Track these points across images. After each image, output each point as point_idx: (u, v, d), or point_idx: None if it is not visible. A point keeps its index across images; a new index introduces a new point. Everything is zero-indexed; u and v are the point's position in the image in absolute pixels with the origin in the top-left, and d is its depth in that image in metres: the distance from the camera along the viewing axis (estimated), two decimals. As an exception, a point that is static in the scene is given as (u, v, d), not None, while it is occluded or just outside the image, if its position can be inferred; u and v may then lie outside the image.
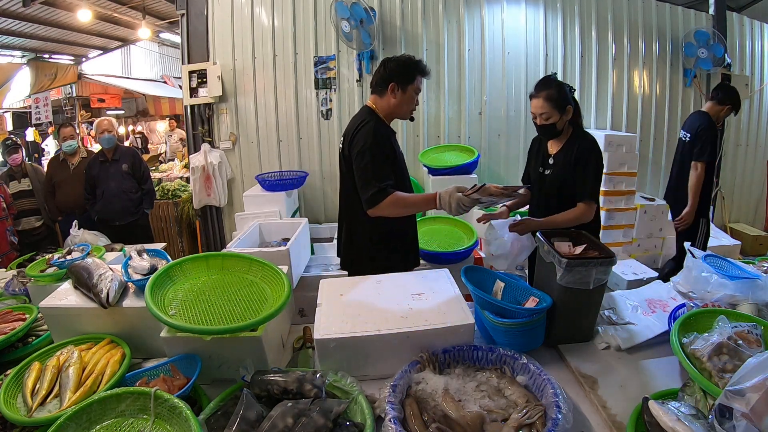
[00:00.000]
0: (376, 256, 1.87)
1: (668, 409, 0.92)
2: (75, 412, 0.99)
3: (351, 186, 1.80)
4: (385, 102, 1.81)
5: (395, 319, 1.27)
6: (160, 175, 5.53)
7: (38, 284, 1.80)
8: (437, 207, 1.64)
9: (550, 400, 1.01)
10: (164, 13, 7.94)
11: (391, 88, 1.77)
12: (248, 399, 1.02)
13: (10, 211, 3.51)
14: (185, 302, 1.29)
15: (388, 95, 1.79)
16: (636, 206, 3.72)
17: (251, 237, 2.52)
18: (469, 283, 1.36)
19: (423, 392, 1.10)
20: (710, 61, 3.97)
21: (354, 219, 1.88)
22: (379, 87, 1.80)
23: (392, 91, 1.78)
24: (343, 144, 1.83)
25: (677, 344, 1.12)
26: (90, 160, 3.54)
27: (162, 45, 11.56)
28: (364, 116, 1.81)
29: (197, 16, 3.72)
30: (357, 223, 1.87)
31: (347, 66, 3.78)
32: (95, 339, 1.35)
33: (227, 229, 4.03)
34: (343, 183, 1.90)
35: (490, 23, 3.82)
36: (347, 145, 1.78)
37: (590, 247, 1.42)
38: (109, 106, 9.50)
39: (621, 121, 4.07)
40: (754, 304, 1.37)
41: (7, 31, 6.82)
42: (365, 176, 1.69)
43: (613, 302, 1.58)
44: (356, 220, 1.86)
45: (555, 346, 1.38)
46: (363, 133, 1.73)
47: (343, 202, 1.94)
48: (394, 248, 1.90)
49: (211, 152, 3.81)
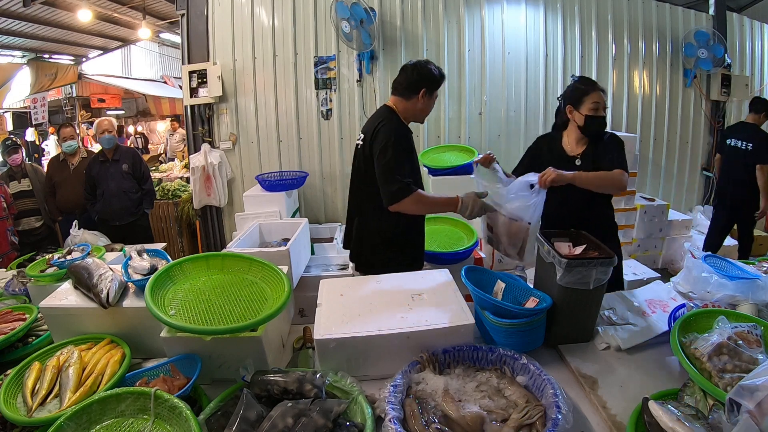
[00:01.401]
0: (385, 251, 1.91)
1: (668, 409, 0.92)
2: (75, 412, 0.99)
3: (367, 181, 1.84)
4: (411, 105, 1.85)
5: (395, 319, 1.27)
6: (160, 175, 5.53)
7: (38, 284, 1.80)
8: (456, 210, 1.71)
9: (550, 400, 1.01)
10: (164, 13, 7.94)
11: (422, 93, 1.83)
12: (248, 399, 1.02)
13: (11, 211, 3.51)
14: (185, 302, 1.29)
15: (416, 99, 1.84)
16: (636, 206, 3.72)
17: (251, 237, 2.52)
18: (469, 283, 1.36)
19: (423, 392, 1.10)
20: (710, 61, 3.97)
21: (366, 214, 1.93)
22: (408, 91, 1.84)
23: (422, 96, 1.83)
24: (363, 140, 1.87)
25: (677, 344, 1.12)
26: (90, 160, 3.54)
27: (162, 45, 11.55)
28: (385, 115, 1.86)
29: (197, 16, 3.72)
30: (369, 219, 1.92)
31: (347, 66, 3.78)
32: (95, 339, 1.35)
33: (227, 229, 4.03)
34: (357, 178, 1.94)
35: (490, 23, 3.82)
36: (368, 140, 1.82)
37: (590, 247, 1.43)
38: (109, 106, 9.50)
39: (621, 121, 4.08)
40: (754, 305, 1.37)
41: (7, 31, 6.81)
42: (388, 171, 1.73)
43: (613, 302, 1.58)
44: (369, 215, 1.91)
45: (555, 346, 1.38)
46: (386, 129, 1.77)
47: (356, 198, 2.00)
48: (403, 245, 1.94)
49: (211, 152, 3.81)
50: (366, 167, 1.84)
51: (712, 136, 4.32)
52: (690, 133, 4.27)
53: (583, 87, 1.91)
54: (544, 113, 3.96)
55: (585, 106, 1.86)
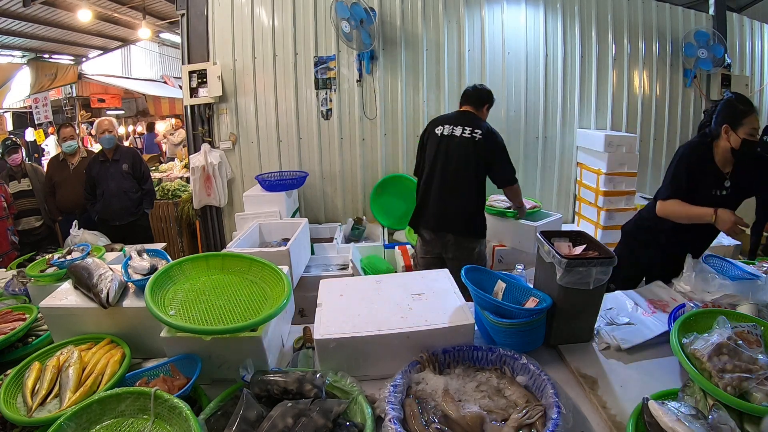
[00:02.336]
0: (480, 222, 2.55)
1: (668, 409, 0.92)
2: (75, 412, 0.99)
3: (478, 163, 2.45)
4: (482, 115, 2.65)
5: (395, 319, 1.27)
6: (160, 175, 5.53)
7: (38, 284, 1.80)
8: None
9: (549, 400, 1.01)
10: (164, 13, 7.94)
11: (486, 107, 2.66)
12: (248, 399, 1.02)
13: (11, 211, 3.52)
14: (185, 302, 1.29)
15: (483, 111, 2.65)
16: (636, 206, 3.72)
17: (251, 237, 2.52)
18: (469, 283, 1.36)
19: (423, 392, 1.10)
20: (710, 61, 3.97)
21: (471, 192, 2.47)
22: (479, 105, 2.64)
23: (486, 110, 2.68)
24: (471, 133, 2.46)
25: (677, 344, 1.12)
26: (90, 160, 3.54)
27: (162, 45, 11.56)
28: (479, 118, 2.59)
29: (197, 16, 3.72)
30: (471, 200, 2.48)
31: (347, 66, 3.78)
32: (95, 339, 1.35)
33: (227, 229, 4.03)
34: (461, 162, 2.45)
35: (490, 23, 3.82)
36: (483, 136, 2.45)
37: (590, 247, 1.42)
38: (109, 106, 9.50)
39: (621, 121, 4.07)
40: (754, 304, 1.37)
41: (7, 31, 6.82)
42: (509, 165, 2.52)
43: (614, 302, 1.58)
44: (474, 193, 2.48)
45: (555, 347, 1.38)
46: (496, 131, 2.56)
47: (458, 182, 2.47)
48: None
49: (211, 152, 3.81)
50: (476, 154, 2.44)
51: (712, 136, 4.32)
52: (690, 133, 4.25)
53: (743, 108, 1.80)
54: (544, 113, 3.96)
55: (743, 129, 1.76)
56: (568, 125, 4.01)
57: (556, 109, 3.97)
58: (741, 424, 0.94)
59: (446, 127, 2.50)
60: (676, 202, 1.84)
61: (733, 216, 1.72)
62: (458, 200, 2.45)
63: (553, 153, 4.04)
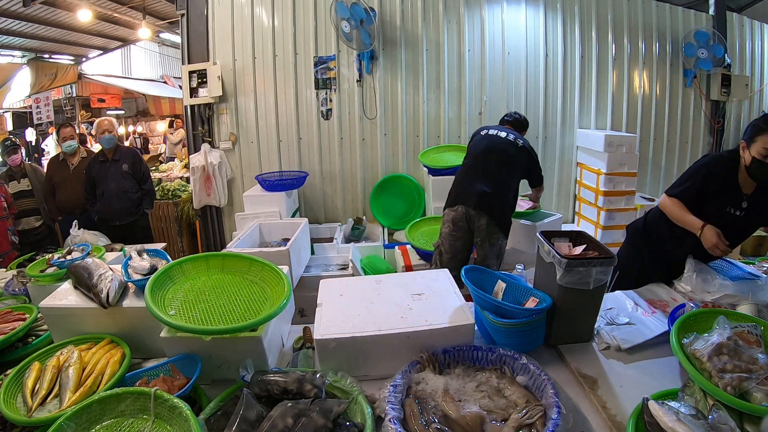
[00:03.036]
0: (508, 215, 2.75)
1: (668, 409, 0.92)
2: (75, 412, 0.99)
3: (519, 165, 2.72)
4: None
5: (395, 319, 1.27)
6: (160, 175, 5.53)
7: (38, 284, 1.80)
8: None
9: (549, 400, 1.01)
10: (164, 13, 7.93)
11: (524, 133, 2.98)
12: (248, 399, 1.02)
13: (11, 211, 3.52)
14: (185, 302, 1.29)
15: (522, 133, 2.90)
16: (636, 206, 3.72)
17: (251, 237, 2.52)
18: (469, 283, 1.36)
19: (423, 392, 1.10)
20: (710, 61, 3.97)
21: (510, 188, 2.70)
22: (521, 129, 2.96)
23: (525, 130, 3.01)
24: (515, 139, 2.71)
25: (677, 344, 1.12)
26: (90, 160, 3.54)
27: (162, 45, 11.54)
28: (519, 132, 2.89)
29: (197, 16, 3.72)
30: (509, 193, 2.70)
31: (347, 66, 3.78)
32: (95, 339, 1.35)
33: (227, 229, 4.03)
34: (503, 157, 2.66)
35: (490, 23, 3.82)
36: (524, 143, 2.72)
37: (590, 247, 1.42)
38: (109, 106, 9.49)
39: (621, 121, 4.08)
40: (754, 305, 1.37)
41: (7, 31, 6.81)
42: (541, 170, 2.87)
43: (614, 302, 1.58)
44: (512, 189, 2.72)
45: (555, 347, 1.38)
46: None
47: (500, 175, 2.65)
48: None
49: (211, 152, 3.81)
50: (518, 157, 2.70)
51: (712, 136, 4.32)
52: (690, 133, 4.26)
53: (762, 126, 1.66)
54: (543, 113, 3.96)
55: (755, 147, 1.65)
56: (568, 125, 4.01)
57: (556, 109, 3.97)
58: (741, 424, 0.94)
59: (492, 130, 2.79)
60: (678, 203, 1.83)
61: (716, 238, 1.64)
62: (498, 190, 2.64)
63: (553, 153, 4.05)
